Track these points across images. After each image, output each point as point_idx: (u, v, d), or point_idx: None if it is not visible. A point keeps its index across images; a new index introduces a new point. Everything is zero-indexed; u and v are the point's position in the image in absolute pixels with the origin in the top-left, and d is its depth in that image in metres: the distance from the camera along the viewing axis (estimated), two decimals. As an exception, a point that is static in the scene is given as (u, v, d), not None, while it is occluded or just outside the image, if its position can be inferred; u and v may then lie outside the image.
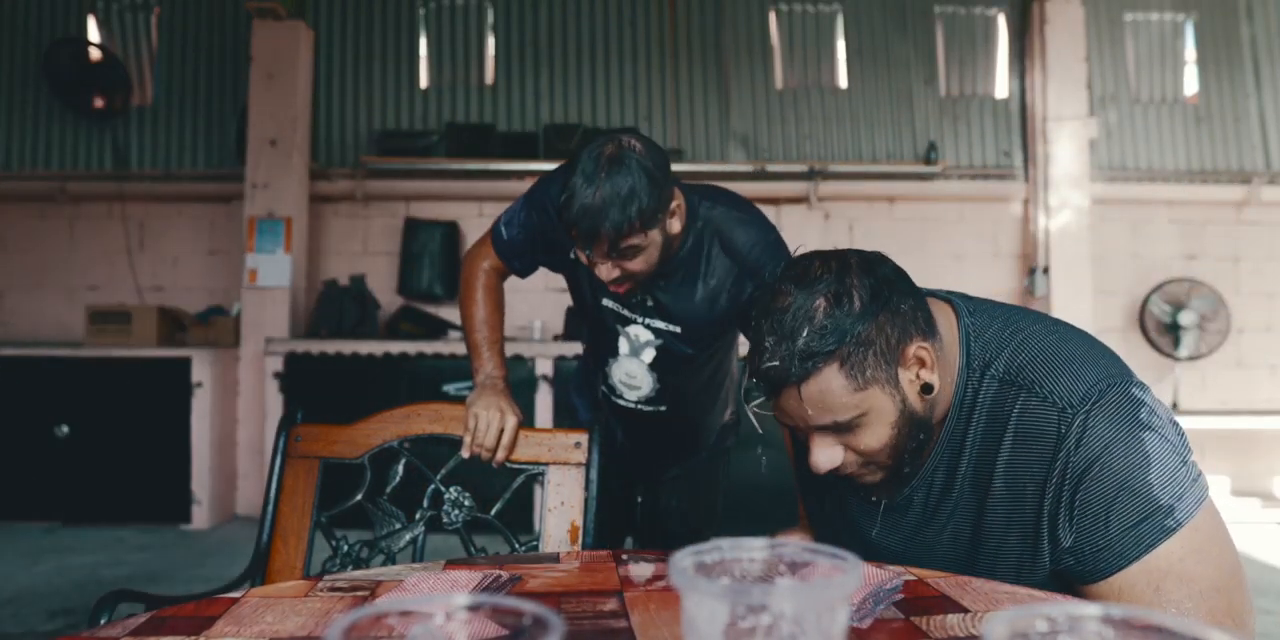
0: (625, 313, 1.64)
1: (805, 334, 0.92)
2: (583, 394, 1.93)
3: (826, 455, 0.98)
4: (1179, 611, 0.88)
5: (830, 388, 0.93)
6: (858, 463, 1.00)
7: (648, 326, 1.63)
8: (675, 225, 1.48)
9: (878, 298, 0.93)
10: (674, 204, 1.45)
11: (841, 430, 0.96)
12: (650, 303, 1.60)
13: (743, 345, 1.76)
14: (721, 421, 1.93)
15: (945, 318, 1.03)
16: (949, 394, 1.01)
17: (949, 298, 1.07)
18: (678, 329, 1.62)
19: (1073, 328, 1.04)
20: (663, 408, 1.73)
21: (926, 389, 0.97)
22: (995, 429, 0.97)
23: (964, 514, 1.01)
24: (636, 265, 1.43)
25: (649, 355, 1.66)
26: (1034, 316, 1.05)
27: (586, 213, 1.34)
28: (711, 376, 1.81)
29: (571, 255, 1.60)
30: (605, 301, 1.64)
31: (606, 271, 1.43)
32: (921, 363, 0.96)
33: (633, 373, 1.69)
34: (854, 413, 0.94)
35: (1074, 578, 0.95)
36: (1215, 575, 0.89)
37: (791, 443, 1.32)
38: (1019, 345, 0.99)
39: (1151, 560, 0.89)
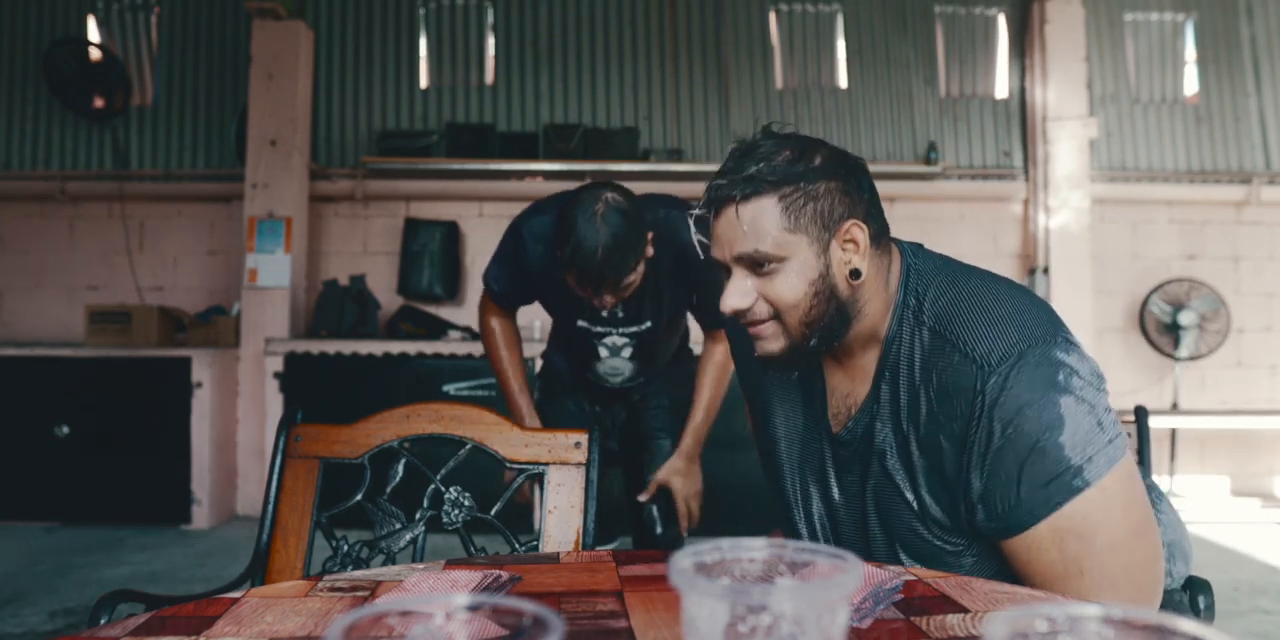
0: (599, 329, 1.90)
1: (760, 166, 0.98)
2: (558, 353, 2.16)
3: (739, 292, 1.02)
4: (1076, 568, 0.92)
5: (764, 216, 0.97)
6: (767, 312, 1.02)
7: (622, 333, 1.90)
8: (650, 250, 1.71)
9: (837, 168, 1.00)
10: (649, 235, 1.68)
11: (760, 268, 1.00)
12: (620, 314, 1.84)
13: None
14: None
15: (892, 253, 1.08)
16: (883, 321, 1.05)
17: (897, 241, 1.10)
18: (648, 324, 1.89)
19: (1012, 285, 1.06)
20: (641, 379, 2.03)
21: (854, 274, 1.01)
22: (924, 378, 1.01)
23: (895, 457, 1.04)
24: (628, 291, 1.71)
25: (628, 352, 1.95)
26: (977, 273, 1.07)
27: (592, 267, 1.57)
28: (678, 335, 2.10)
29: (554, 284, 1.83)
30: (579, 323, 1.90)
31: (607, 302, 1.70)
32: (855, 244, 1.00)
33: (616, 367, 1.97)
34: (777, 250, 0.98)
35: (986, 534, 0.98)
36: (1115, 534, 0.92)
37: (750, 404, 1.32)
38: (954, 297, 1.01)
39: (1057, 519, 0.92)
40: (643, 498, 2.02)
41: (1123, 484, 0.93)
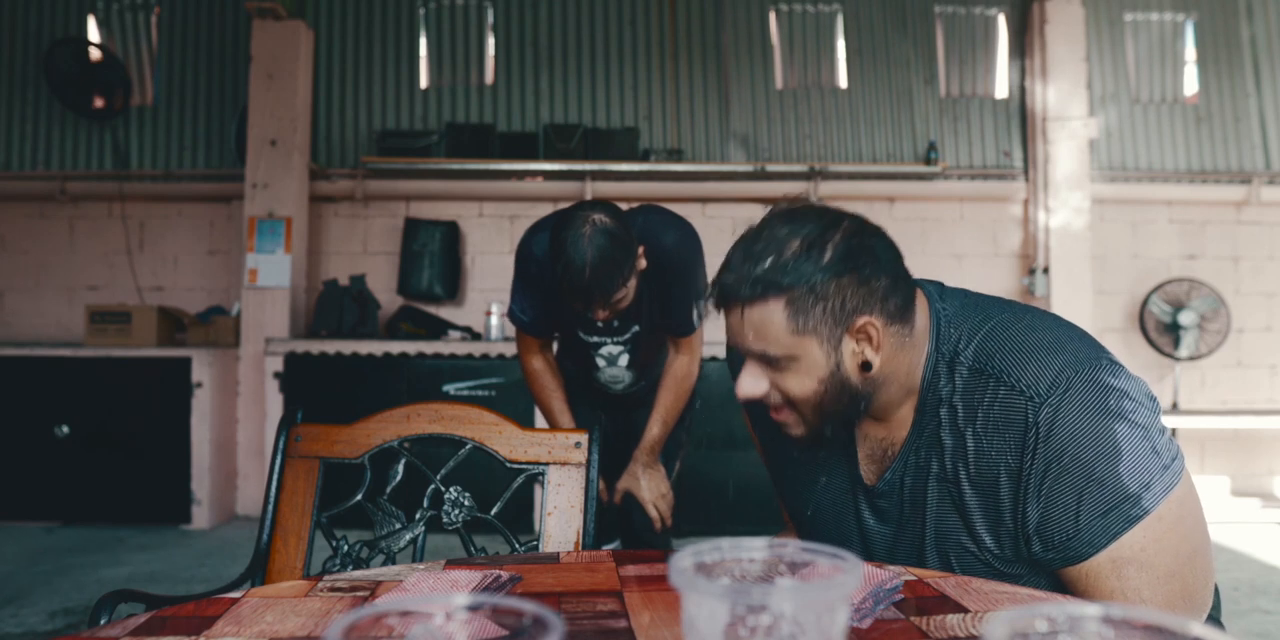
0: (594, 340, 2.00)
1: (768, 264, 0.94)
2: (567, 359, 2.22)
3: (750, 383, 1.01)
4: (1137, 597, 0.91)
5: (770, 320, 0.95)
6: (780, 401, 1.01)
7: (615, 342, 2.00)
8: (642, 263, 1.77)
9: (849, 260, 0.94)
10: (639, 249, 1.73)
11: (772, 365, 0.98)
12: (615, 323, 1.94)
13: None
14: None
15: (918, 302, 1.04)
16: (915, 377, 1.02)
17: (920, 283, 1.08)
18: (635, 329, 1.97)
19: (1042, 313, 1.04)
20: (642, 382, 2.12)
21: (865, 366, 0.98)
22: (968, 416, 0.98)
23: (946, 498, 1.02)
24: (623, 305, 1.78)
25: (624, 360, 2.04)
26: (1003, 305, 1.06)
27: (581, 284, 1.65)
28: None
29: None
30: (579, 334, 2.00)
31: (602, 316, 1.77)
32: (868, 339, 0.97)
33: (615, 376, 2.07)
34: (785, 351, 0.96)
35: (1039, 563, 0.97)
36: (1173, 562, 0.92)
37: (763, 449, 1.32)
38: (989, 333, 1.00)
39: (1116, 549, 0.91)
40: (616, 500, 2.07)
41: (1180, 509, 0.92)
